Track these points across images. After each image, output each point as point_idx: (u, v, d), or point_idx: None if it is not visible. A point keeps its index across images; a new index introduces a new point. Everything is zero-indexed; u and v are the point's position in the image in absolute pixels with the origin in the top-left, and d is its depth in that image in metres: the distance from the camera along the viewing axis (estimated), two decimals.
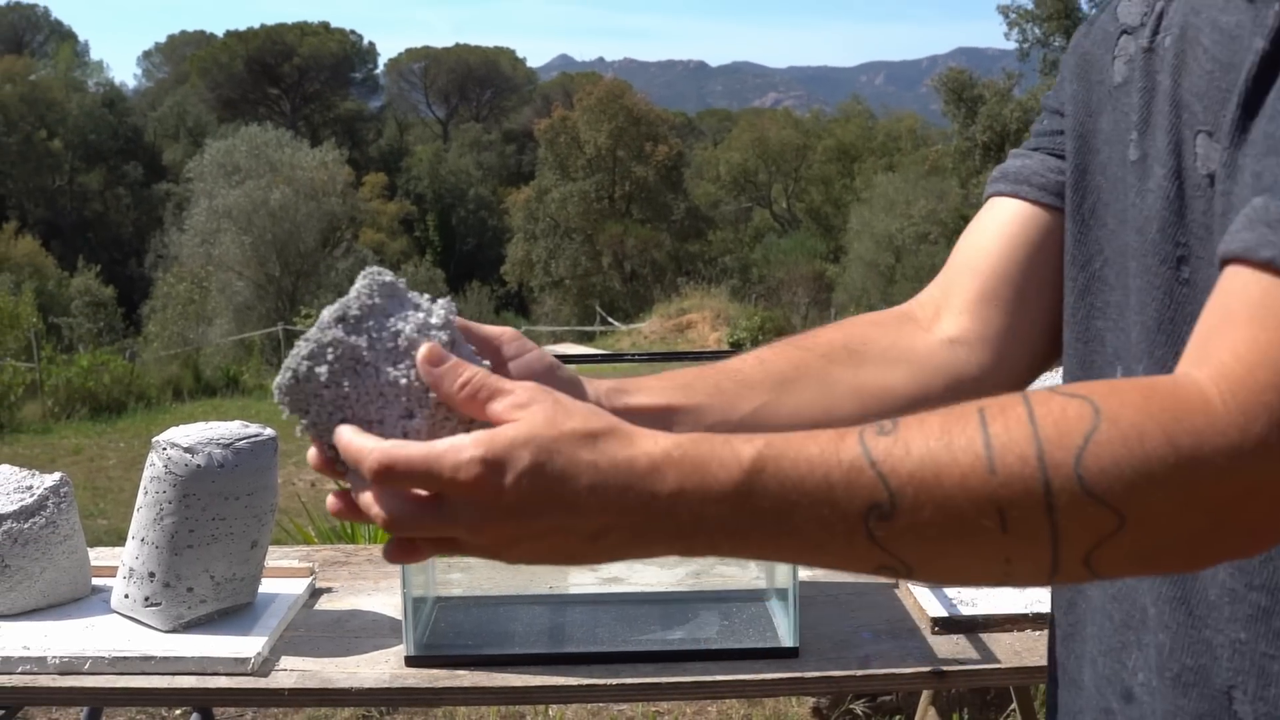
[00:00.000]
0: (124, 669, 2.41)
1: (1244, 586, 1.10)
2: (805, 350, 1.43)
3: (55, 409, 20.94)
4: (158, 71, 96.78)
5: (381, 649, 2.52)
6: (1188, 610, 1.15)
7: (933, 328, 1.48)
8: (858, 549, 0.96)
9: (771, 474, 0.96)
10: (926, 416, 0.97)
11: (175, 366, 26.87)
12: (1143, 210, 1.20)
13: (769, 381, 1.37)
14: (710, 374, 1.38)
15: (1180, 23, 1.18)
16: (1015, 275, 1.44)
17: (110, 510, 11.86)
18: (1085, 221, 1.33)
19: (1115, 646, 1.25)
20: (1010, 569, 0.95)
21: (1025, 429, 0.92)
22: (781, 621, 2.55)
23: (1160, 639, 1.18)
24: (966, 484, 0.92)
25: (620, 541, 0.99)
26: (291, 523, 6.22)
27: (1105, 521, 0.90)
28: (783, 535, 0.97)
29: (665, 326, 35.04)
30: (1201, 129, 1.13)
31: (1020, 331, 1.45)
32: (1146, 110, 1.22)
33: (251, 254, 46.48)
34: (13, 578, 2.59)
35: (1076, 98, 1.37)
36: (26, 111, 68.61)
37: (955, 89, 46.56)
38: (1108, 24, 1.33)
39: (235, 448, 2.52)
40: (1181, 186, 1.15)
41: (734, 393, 1.35)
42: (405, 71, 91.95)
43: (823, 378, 1.40)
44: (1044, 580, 0.97)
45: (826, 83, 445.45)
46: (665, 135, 60.36)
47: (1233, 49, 1.10)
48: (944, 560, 0.97)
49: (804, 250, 56.34)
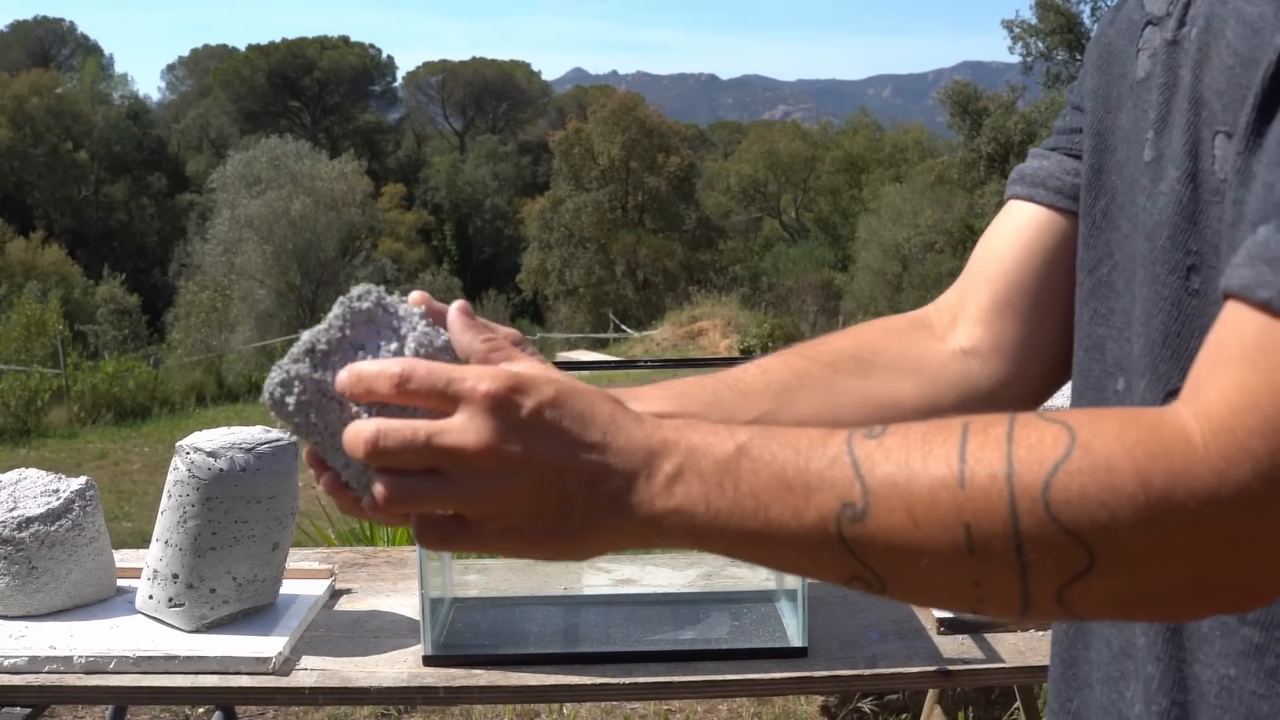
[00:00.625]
0: (148, 668, 2.42)
1: (1237, 620, 1.04)
2: (810, 359, 1.38)
3: (81, 414, 20.99)
4: (181, 84, 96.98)
5: (400, 649, 2.52)
6: (1178, 643, 1.09)
7: (947, 337, 1.42)
8: (827, 551, 0.92)
9: (756, 455, 0.94)
10: (914, 425, 0.93)
11: (198, 373, 26.93)
12: (1153, 214, 1.12)
13: (770, 390, 1.33)
14: (709, 383, 1.33)
15: (1206, 13, 1.07)
16: (1030, 283, 1.37)
17: (135, 513, 11.87)
18: (1097, 223, 1.25)
19: (1114, 675, 1.19)
20: (981, 594, 0.90)
21: (1000, 448, 0.88)
22: (791, 622, 2.55)
23: (1149, 670, 1.12)
24: (935, 493, 0.88)
25: (613, 495, 0.95)
26: (312, 525, 6.23)
27: (1074, 555, 0.85)
28: (759, 523, 0.93)
29: (677, 333, 35.03)
30: (1221, 129, 1.03)
31: (1036, 341, 1.38)
32: (1165, 108, 1.12)
33: (273, 263, 46.56)
34: (40, 579, 2.59)
35: (1096, 92, 1.28)
36: (53, 123, 68.76)
37: (960, 101, 46.47)
38: (1133, 12, 1.23)
39: (257, 452, 2.52)
40: (1196, 190, 1.06)
41: (732, 401, 1.31)
42: (423, 84, 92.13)
43: (827, 387, 1.34)
44: (1017, 611, 0.90)
45: (835, 95, 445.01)
46: (677, 147, 60.27)
47: (1255, 43, 0.99)
48: (914, 575, 0.91)
49: (812, 259, 56.40)
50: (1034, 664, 2.45)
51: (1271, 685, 1.01)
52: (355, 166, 50.95)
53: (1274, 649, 1.01)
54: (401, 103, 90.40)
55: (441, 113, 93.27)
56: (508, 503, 0.96)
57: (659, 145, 59.22)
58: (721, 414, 1.28)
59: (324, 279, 47.43)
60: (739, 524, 0.94)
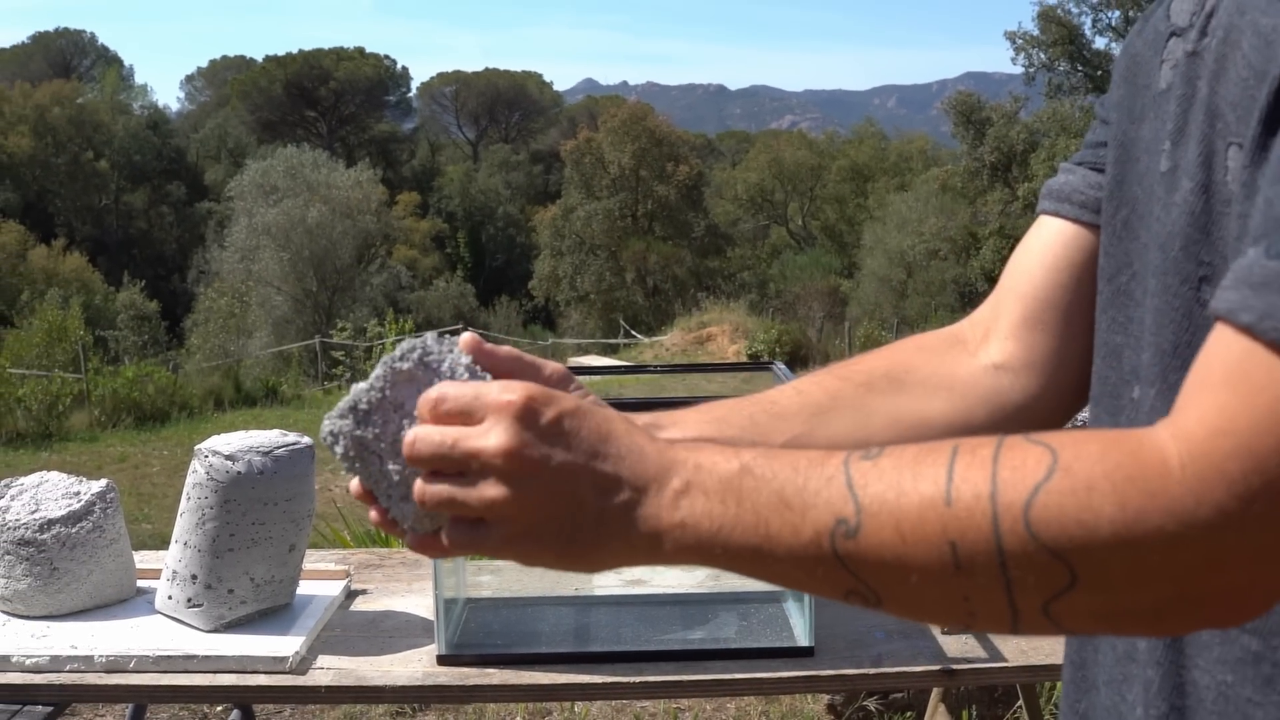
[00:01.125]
0: (167, 667, 2.42)
1: (1236, 628, 1.03)
2: (844, 380, 1.38)
3: (102, 418, 20.97)
4: (200, 95, 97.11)
5: (414, 648, 2.52)
6: (1179, 648, 1.09)
7: (979, 352, 1.42)
8: (824, 567, 0.95)
9: (758, 474, 0.97)
10: (908, 447, 0.95)
11: (216, 377, 26.88)
12: (1167, 225, 1.11)
13: (804, 412, 1.33)
14: (746, 406, 1.34)
15: (1225, 24, 1.06)
16: (1059, 298, 1.36)
17: (154, 515, 11.88)
18: (1117, 233, 1.24)
19: (1117, 678, 1.19)
20: (972, 609, 0.92)
21: (986, 469, 0.90)
22: (797, 622, 2.55)
23: (1149, 675, 1.12)
24: (923, 511, 0.90)
25: (623, 506, 0.99)
26: (328, 527, 6.24)
27: (1056, 573, 0.87)
28: (759, 540, 0.96)
29: (686, 339, 34.99)
30: (1234, 141, 1.02)
31: (1066, 355, 1.36)
32: (1183, 119, 1.11)
33: (290, 270, 46.61)
34: (61, 580, 2.60)
35: (1122, 103, 1.26)
36: (74, 133, 68.92)
37: (964, 111, 46.44)
38: (1160, 23, 1.21)
39: (274, 455, 2.53)
40: (1209, 202, 1.05)
41: (768, 424, 1.31)
42: (437, 94, 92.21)
43: (859, 407, 1.35)
44: (1008, 626, 0.92)
45: (841, 105, 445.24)
46: (686, 156, 60.26)
47: (1268, 55, 0.98)
48: (906, 590, 0.93)
49: (819, 266, 56.29)
50: (1036, 663, 2.45)
51: (1267, 693, 1.01)
52: (370, 175, 50.96)
53: (1270, 657, 1.01)
54: (416, 113, 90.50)
55: (455, 122, 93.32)
56: (525, 505, 1.00)
57: (668, 154, 59.19)
58: (757, 436, 1.30)
59: (340, 285, 47.52)
60: (740, 539, 0.96)
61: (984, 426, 1.31)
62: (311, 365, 34.05)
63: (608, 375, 6.32)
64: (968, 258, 43.51)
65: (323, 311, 45.59)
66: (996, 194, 44.48)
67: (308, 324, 44.03)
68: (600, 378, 10.09)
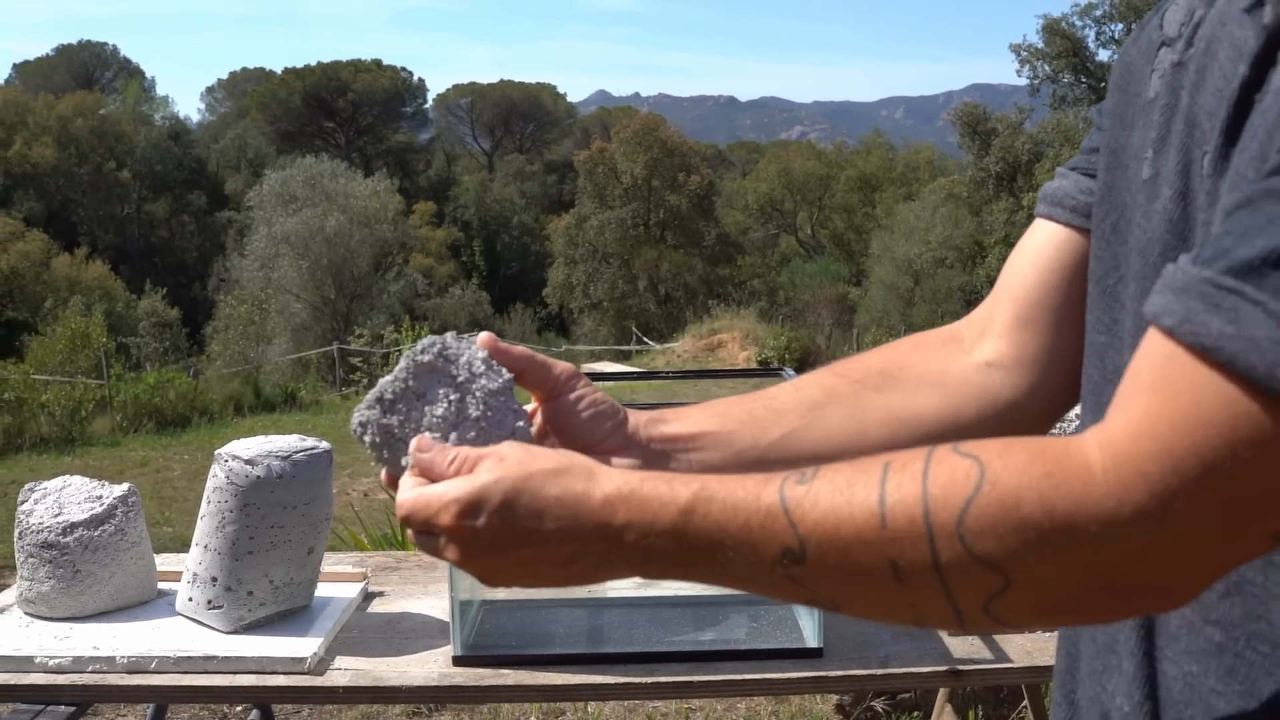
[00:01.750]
0: (188, 668, 2.42)
1: (1201, 620, 1.05)
2: (841, 377, 1.39)
3: (124, 423, 20.99)
4: (220, 106, 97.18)
5: (430, 649, 2.52)
6: (1151, 640, 1.11)
7: (973, 350, 1.43)
8: (781, 586, 1.00)
9: (700, 515, 1.01)
10: (841, 466, 0.98)
11: (236, 383, 26.91)
12: (1148, 231, 1.12)
13: (801, 408, 1.35)
14: (746, 402, 1.36)
15: (1209, 35, 1.07)
16: (1050, 298, 1.38)
17: (175, 518, 11.88)
18: (1106, 237, 1.24)
19: (1098, 669, 1.20)
20: (919, 613, 0.97)
21: (917, 488, 0.93)
22: (806, 623, 2.55)
23: (1126, 666, 1.13)
24: (861, 537, 0.94)
25: (589, 566, 1.07)
26: (346, 530, 6.24)
27: (991, 580, 0.90)
28: (717, 568, 1.01)
29: (697, 346, 34.95)
30: (1209, 150, 1.02)
31: (1057, 354, 1.38)
32: (1165, 128, 1.12)
33: (308, 278, 46.72)
34: (83, 582, 2.60)
35: (1114, 111, 1.27)
36: (97, 144, 69.10)
37: (970, 122, 46.43)
38: (1153, 33, 1.21)
39: (293, 460, 2.53)
40: (1187, 209, 1.06)
41: (765, 419, 1.33)
42: (453, 106, 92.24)
43: (854, 404, 1.36)
44: (954, 626, 0.96)
45: (849, 116, 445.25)
46: (697, 166, 60.24)
47: (1236, 66, 1.00)
48: (858, 600, 0.99)
49: (828, 274, 56.41)
50: (1041, 664, 2.44)
51: (1228, 683, 1.02)
52: (387, 185, 51.11)
53: (1232, 648, 1.02)
54: (432, 123, 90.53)
55: (470, 133, 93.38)
56: (502, 581, 1.12)
57: (680, 164, 59.21)
58: (756, 431, 1.33)
59: (357, 293, 47.62)
60: (700, 571, 1.03)
61: (974, 422, 1.35)
62: (329, 371, 34.12)
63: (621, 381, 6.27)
64: (973, 266, 43.52)
65: (340, 318, 45.68)
66: (1002, 203, 44.44)
67: (326, 331, 44.17)
68: (614, 383, 10.12)
